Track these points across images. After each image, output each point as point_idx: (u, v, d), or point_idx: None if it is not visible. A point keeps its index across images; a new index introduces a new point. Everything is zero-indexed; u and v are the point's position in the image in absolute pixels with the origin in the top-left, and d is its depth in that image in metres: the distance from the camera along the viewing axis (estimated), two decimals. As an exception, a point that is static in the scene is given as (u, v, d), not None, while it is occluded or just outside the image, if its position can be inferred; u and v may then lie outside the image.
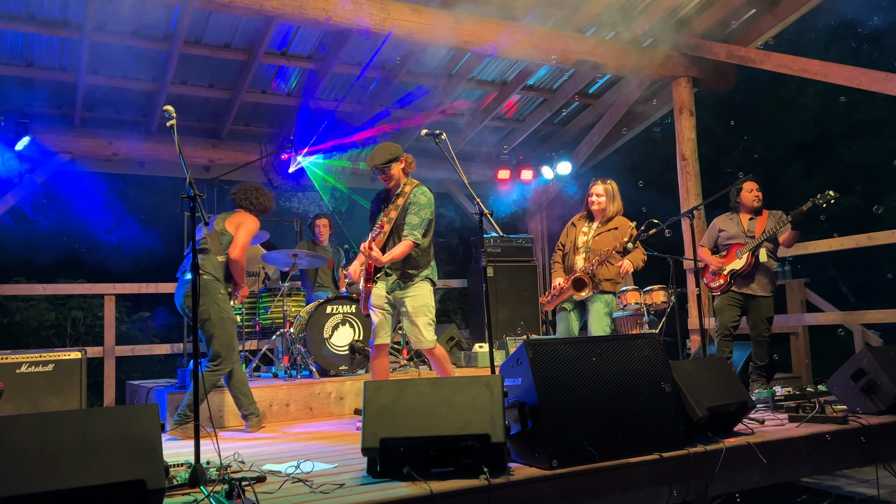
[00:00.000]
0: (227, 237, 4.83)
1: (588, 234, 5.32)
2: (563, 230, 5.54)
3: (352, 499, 2.67)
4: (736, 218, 5.61)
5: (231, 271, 4.83)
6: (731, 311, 5.47)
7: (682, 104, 7.30)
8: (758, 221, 5.50)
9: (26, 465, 2.27)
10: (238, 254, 4.79)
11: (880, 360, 4.25)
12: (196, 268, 3.22)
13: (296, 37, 6.85)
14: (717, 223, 5.69)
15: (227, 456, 3.44)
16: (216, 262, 4.76)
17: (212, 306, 4.63)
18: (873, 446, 3.92)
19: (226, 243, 4.83)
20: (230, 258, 4.80)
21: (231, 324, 4.75)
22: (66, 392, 5.42)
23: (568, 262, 5.35)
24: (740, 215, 5.61)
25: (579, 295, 5.10)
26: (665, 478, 3.23)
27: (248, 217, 4.94)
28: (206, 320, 4.60)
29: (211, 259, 4.74)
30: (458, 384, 3.08)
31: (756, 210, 5.54)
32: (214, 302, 4.65)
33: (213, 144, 7.93)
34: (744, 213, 5.60)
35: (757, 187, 5.55)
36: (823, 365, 7.56)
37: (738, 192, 5.58)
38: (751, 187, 5.54)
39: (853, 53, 14.62)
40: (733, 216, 5.64)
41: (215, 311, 4.64)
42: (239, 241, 4.80)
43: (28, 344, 8.83)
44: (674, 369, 3.59)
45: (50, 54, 6.61)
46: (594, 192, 5.38)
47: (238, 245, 4.79)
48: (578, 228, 5.42)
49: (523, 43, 6.48)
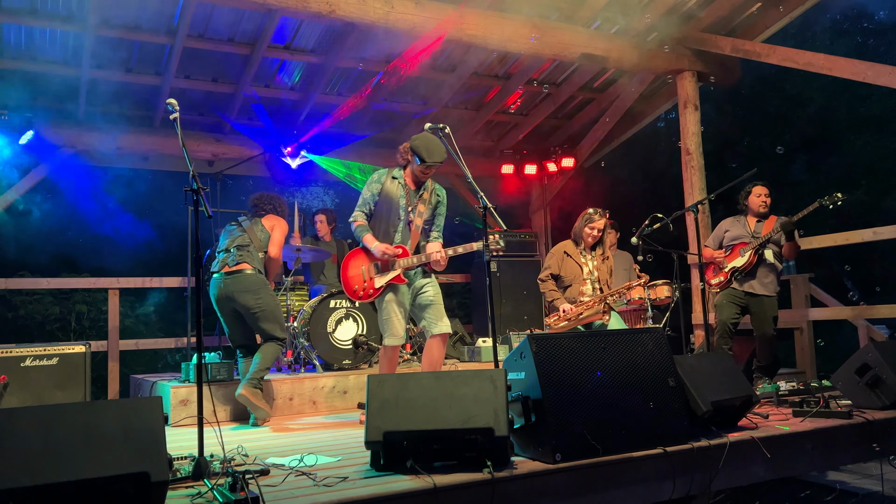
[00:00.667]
0: (265, 235, 5.19)
1: (589, 265, 5.48)
2: (553, 258, 5.59)
3: (355, 492, 2.67)
4: (743, 220, 5.60)
5: (267, 268, 5.19)
6: (730, 308, 5.46)
7: (686, 98, 7.27)
8: (765, 225, 5.49)
9: (31, 458, 2.27)
10: (276, 252, 5.17)
11: (885, 355, 4.24)
12: (199, 263, 3.21)
13: (299, 30, 6.83)
14: (724, 225, 5.69)
15: (231, 449, 3.45)
16: (258, 259, 5.10)
17: (269, 299, 5.04)
18: (878, 441, 3.90)
19: (265, 241, 5.18)
20: (269, 256, 5.17)
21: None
22: (70, 386, 5.43)
23: (571, 293, 5.43)
24: (748, 218, 5.59)
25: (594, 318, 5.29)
26: (669, 472, 3.23)
27: (280, 219, 5.32)
28: (265, 311, 4.98)
29: (255, 255, 5.08)
30: (462, 378, 3.08)
31: (764, 215, 5.52)
32: (270, 295, 5.07)
33: (216, 139, 7.93)
34: (751, 217, 5.58)
35: (766, 192, 5.52)
36: (828, 360, 7.54)
37: (747, 196, 5.57)
38: (759, 192, 5.52)
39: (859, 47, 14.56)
40: (741, 218, 5.63)
41: (273, 303, 5.06)
42: (276, 239, 5.19)
43: (32, 338, 8.86)
44: (678, 364, 3.58)
45: (54, 48, 6.60)
46: (596, 226, 5.45)
47: (275, 243, 5.18)
48: (575, 259, 5.48)
49: (527, 37, 6.45)
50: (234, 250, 5.06)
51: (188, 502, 2.64)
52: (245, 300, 4.95)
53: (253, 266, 5.00)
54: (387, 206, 4.51)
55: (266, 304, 4.98)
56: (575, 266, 5.48)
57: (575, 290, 5.44)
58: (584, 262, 5.48)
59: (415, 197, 4.53)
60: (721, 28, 7.17)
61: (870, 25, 15.32)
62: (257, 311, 4.96)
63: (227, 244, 5.14)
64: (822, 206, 5.09)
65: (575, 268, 5.48)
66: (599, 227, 5.42)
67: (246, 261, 5.00)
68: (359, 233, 4.53)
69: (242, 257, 5.02)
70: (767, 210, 5.52)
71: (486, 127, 9.28)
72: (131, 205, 10.02)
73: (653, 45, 7.22)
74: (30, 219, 9.64)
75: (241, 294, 4.95)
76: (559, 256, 5.54)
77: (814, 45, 12.66)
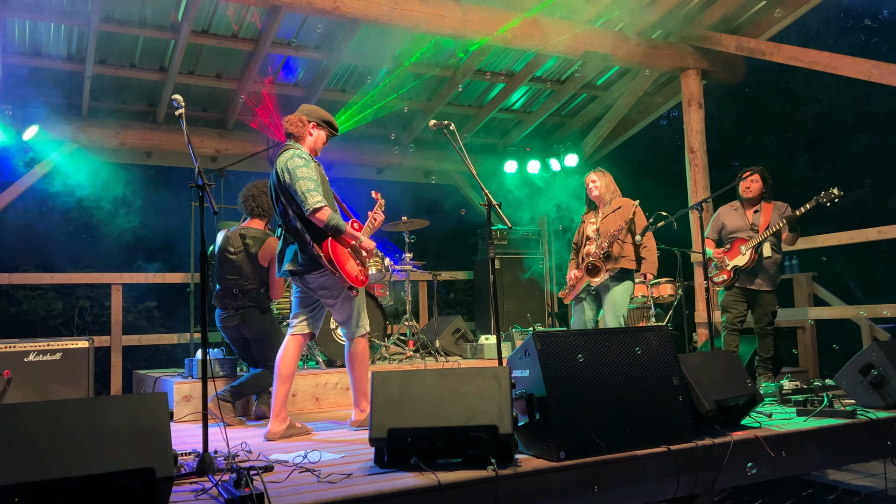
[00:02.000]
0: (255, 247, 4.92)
1: (596, 222, 5.40)
2: (579, 228, 5.62)
3: (360, 489, 2.67)
4: (741, 210, 5.57)
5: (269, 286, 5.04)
6: (737, 306, 5.45)
7: (690, 96, 7.26)
8: (762, 214, 5.46)
9: (36, 453, 2.27)
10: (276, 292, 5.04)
11: (889, 355, 4.23)
12: (203, 259, 3.21)
13: (303, 27, 6.83)
14: (722, 214, 5.65)
15: (235, 445, 3.45)
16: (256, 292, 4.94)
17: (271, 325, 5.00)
18: (881, 441, 3.90)
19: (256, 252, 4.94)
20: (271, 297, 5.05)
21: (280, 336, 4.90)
22: (73, 381, 5.43)
23: (581, 255, 5.41)
24: (744, 207, 5.58)
25: (594, 280, 5.18)
26: (672, 470, 3.22)
27: (268, 240, 4.95)
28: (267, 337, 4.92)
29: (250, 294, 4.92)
30: (466, 375, 3.08)
31: (755, 201, 5.50)
32: (271, 322, 5.02)
33: (219, 135, 7.94)
34: (748, 205, 5.57)
35: (752, 178, 5.42)
36: (830, 359, 7.53)
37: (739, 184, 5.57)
38: (744, 177, 5.47)
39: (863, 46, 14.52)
40: (738, 207, 5.60)
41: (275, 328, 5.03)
42: (274, 280, 4.96)
43: (35, 333, 8.87)
44: (682, 362, 3.58)
45: (58, 44, 6.61)
46: (589, 179, 5.52)
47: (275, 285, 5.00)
48: (587, 222, 5.49)
49: (531, 34, 6.45)
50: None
51: (193, 498, 2.64)
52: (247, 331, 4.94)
53: (254, 303, 4.91)
54: (325, 185, 4.12)
55: (266, 331, 4.95)
56: (586, 227, 5.51)
57: (584, 251, 5.43)
58: (593, 221, 5.44)
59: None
60: (726, 26, 7.16)
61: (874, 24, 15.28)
62: (262, 337, 4.95)
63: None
64: (819, 203, 5.08)
65: (585, 230, 5.51)
66: (591, 178, 5.44)
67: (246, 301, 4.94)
68: (336, 221, 3.94)
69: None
70: (752, 195, 5.47)
71: (489, 124, 9.27)
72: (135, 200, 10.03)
73: (657, 42, 7.22)
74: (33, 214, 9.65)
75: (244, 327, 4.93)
76: (580, 224, 5.61)
77: (817, 44, 12.63)
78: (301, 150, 4.09)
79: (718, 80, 7.67)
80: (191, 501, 2.60)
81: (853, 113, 14.03)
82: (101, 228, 10.15)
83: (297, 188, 3.89)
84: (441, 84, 8.17)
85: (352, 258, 4.09)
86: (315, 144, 4.23)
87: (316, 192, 3.90)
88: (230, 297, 4.91)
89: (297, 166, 3.93)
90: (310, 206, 3.87)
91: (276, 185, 4.04)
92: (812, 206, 5.10)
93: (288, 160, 3.97)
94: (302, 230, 3.98)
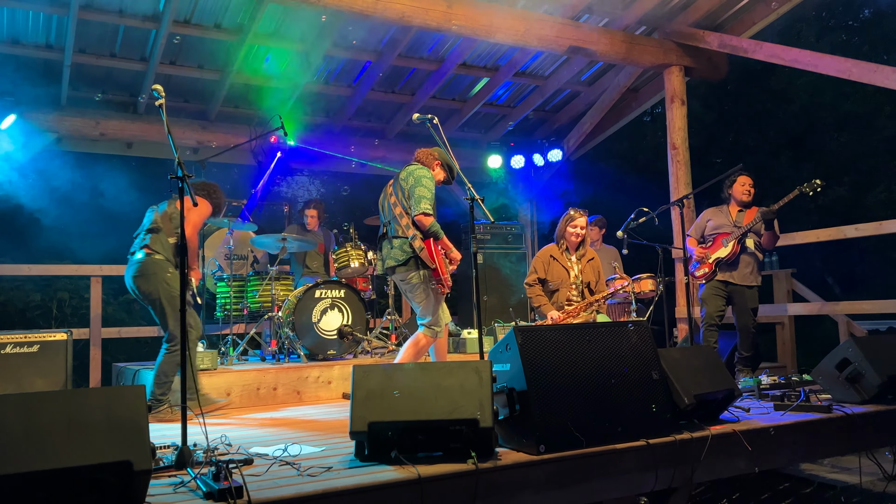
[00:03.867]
0: (177, 218, 4.67)
1: (574, 269, 5.56)
2: (539, 262, 5.62)
3: (340, 482, 2.67)
4: (725, 209, 5.64)
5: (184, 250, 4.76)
6: (716, 300, 5.50)
7: (673, 93, 7.30)
8: (746, 214, 5.53)
9: (12, 446, 2.25)
10: (191, 231, 4.62)
11: (865, 351, 4.29)
12: (183, 251, 3.19)
13: (287, 18, 6.77)
14: (707, 214, 5.72)
15: (214, 438, 3.43)
16: (166, 242, 4.66)
17: (160, 285, 4.54)
18: (856, 435, 3.96)
19: (176, 224, 4.67)
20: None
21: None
22: (51, 373, 5.38)
23: (559, 298, 5.51)
24: (730, 207, 5.63)
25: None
26: (651, 464, 3.25)
27: (201, 200, 4.76)
28: (155, 300, 4.55)
29: (161, 238, 4.65)
30: (448, 369, 3.08)
31: (746, 204, 5.56)
32: (163, 281, 4.55)
33: (201, 126, 7.87)
34: (734, 206, 5.62)
35: (751, 182, 5.57)
36: (808, 355, 7.63)
37: (731, 185, 5.61)
38: (744, 181, 5.56)
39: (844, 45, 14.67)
40: (723, 208, 5.67)
41: (164, 289, 4.54)
42: (190, 220, 4.58)
43: (13, 325, 8.77)
44: (661, 357, 3.60)
45: (36, 32, 6.51)
46: (578, 224, 5.55)
47: (190, 223, 4.57)
48: (561, 263, 5.55)
49: (516, 28, 6.45)
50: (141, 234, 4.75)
51: (171, 491, 2.63)
52: (135, 285, 4.61)
53: (155, 249, 4.61)
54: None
55: (155, 291, 4.54)
56: (561, 270, 5.53)
57: (562, 294, 5.49)
58: (570, 266, 5.53)
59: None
60: (709, 23, 7.20)
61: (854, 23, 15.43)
62: (150, 299, 4.60)
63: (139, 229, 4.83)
64: (801, 192, 5.14)
65: (561, 272, 5.52)
66: (581, 224, 5.49)
67: (147, 244, 4.64)
68: (438, 229, 4.57)
69: (144, 241, 4.68)
70: (750, 199, 5.57)
71: (473, 119, 9.27)
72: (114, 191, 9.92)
73: (641, 38, 7.24)
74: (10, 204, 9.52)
75: (133, 279, 4.61)
76: (545, 260, 5.56)
77: (799, 42, 12.75)
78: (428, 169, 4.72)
79: (701, 76, 7.71)
80: (169, 495, 2.59)
81: (833, 111, 14.19)
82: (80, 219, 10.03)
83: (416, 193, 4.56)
84: (426, 77, 8.15)
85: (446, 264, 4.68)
86: (437, 177, 4.79)
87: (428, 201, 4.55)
88: None
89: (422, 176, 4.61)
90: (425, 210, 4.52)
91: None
92: (795, 195, 5.17)
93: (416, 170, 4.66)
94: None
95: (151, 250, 4.59)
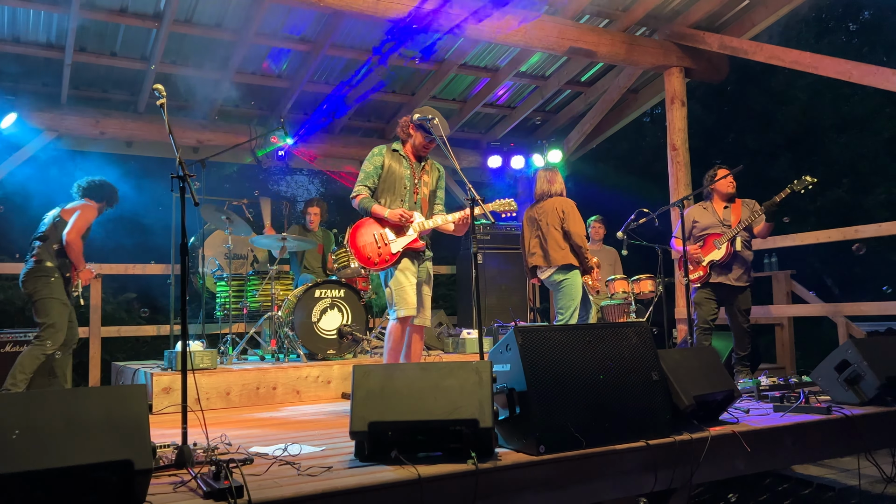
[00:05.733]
0: (62, 225, 5.25)
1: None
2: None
3: (340, 482, 2.67)
4: (710, 207, 5.63)
5: (67, 254, 5.24)
6: (708, 304, 5.50)
7: (673, 94, 7.30)
8: (732, 210, 5.53)
9: (12, 444, 2.25)
10: (72, 236, 5.19)
11: (864, 352, 4.29)
12: (184, 250, 3.19)
13: (288, 18, 6.77)
14: (692, 214, 5.68)
15: (214, 438, 3.43)
16: (51, 249, 5.21)
17: (43, 289, 5.14)
18: (856, 437, 3.96)
19: (62, 230, 5.22)
20: (65, 241, 5.19)
21: (59, 306, 5.17)
22: (50, 372, 5.38)
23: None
24: (714, 204, 5.63)
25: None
26: (651, 465, 3.25)
27: (86, 205, 5.38)
28: (35, 301, 5.15)
29: (47, 247, 5.20)
30: (448, 369, 3.08)
31: (731, 198, 5.56)
32: (46, 285, 5.14)
33: (202, 125, 7.86)
34: (717, 202, 5.61)
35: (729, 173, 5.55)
36: (807, 356, 7.64)
37: (712, 181, 5.59)
38: (725, 174, 5.55)
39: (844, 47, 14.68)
40: (707, 205, 5.66)
41: (46, 292, 5.13)
42: (74, 225, 5.21)
43: (12, 323, 8.75)
44: (661, 358, 3.61)
45: (37, 30, 6.51)
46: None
47: (73, 228, 5.20)
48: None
49: (516, 29, 6.45)
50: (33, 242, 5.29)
51: (171, 490, 2.63)
52: (25, 288, 5.20)
53: (42, 257, 5.18)
54: (391, 178, 4.46)
55: (38, 293, 5.14)
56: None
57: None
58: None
59: (418, 169, 4.53)
60: (709, 25, 7.20)
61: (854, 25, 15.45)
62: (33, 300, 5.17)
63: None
64: (793, 191, 5.14)
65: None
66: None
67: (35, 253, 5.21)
68: (365, 204, 4.40)
69: (33, 249, 5.23)
70: (735, 191, 5.58)
71: (473, 119, 9.27)
72: (114, 190, 9.90)
73: (641, 39, 7.25)
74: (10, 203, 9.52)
75: (22, 283, 5.20)
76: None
77: (798, 44, 12.75)
78: (384, 146, 4.56)
79: (701, 78, 7.71)
80: (169, 494, 2.59)
81: (833, 113, 14.20)
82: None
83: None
84: (426, 77, 8.16)
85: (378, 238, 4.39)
86: (413, 144, 4.53)
87: (359, 182, 4.47)
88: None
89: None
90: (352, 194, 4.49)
91: None
92: (787, 194, 5.17)
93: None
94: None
95: (39, 258, 5.19)
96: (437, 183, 4.65)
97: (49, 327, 5.10)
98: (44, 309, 5.11)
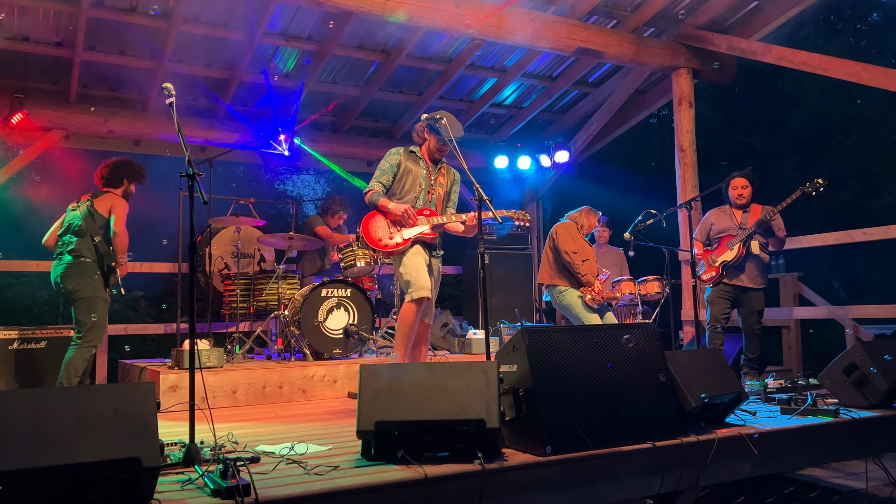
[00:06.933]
0: (98, 217, 5.12)
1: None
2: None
3: (346, 481, 2.67)
4: (729, 211, 5.64)
5: (115, 246, 5.14)
6: (721, 303, 5.50)
7: (681, 95, 7.28)
8: (750, 215, 5.53)
9: (20, 441, 2.26)
10: (121, 227, 5.09)
11: (872, 355, 4.28)
12: (192, 248, 3.20)
13: (296, 17, 6.79)
14: (711, 216, 5.72)
15: (221, 436, 3.44)
16: (89, 244, 5.08)
17: (87, 288, 5.02)
18: (863, 440, 3.95)
19: (100, 225, 5.11)
20: (114, 232, 5.10)
21: (102, 304, 5.06)
22: (58, 369, 5.39)
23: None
24: (733, 209, 5.63)
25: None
26: (658, 466, 3.25)
27: (117, 199, 5.20)
28: (78, 300, 5.00)
29: (86, 241, 5.07)
30: (455, 369, 3.08)
31: (742, 206, 5.57)
32: (90, 284, 5.03)
33: (209, 124, 7.88)
34: (735, 207, 5.62)
35: (743, 184, 5.56)
36: (814, 359, 7.61)
37: (727, 188, 5.63)
38: (735, 184, 5.58)
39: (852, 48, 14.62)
40: (726, 209, 5.67)
41: (90, 291, 5.02)
42: (119, 216, 5.11)
43: (20, 321, 8.78)
44: (668, 359, 3.60)
45: (47, 29, 6.53)
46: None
47: (119, 219, 5.10)
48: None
49: (524, 29, 6.44)
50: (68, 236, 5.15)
51: (179, 488, 2.63)
52: (65, 285, 5.03)
53: (83, 254, 5.05)
54: (407, 176, 4.56)
55: (83, 291, 5.01)
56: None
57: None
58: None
59: (434, 171, 4.65)
60: (717, 26, 7.19)
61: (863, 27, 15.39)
62: (77, 298, 5.03)
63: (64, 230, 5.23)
64: (804, 193, 5.13)
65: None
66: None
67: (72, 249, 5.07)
68: (374, 198, 4.50)
69: (68, 245, 5.09)
70: (745, 202, 5.56)
71: (480, 119, 9.27)
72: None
73: (649, 40, 7.23)
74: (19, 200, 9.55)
75: (63, 279, 5.04)
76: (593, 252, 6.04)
77: (807, 45, 12.71)
78: (402, 147, 4.66)
79: (709, 79, 7.69)
80: (177, 492, 2.59)
81: (841, 115, 14.14)
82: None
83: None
84: (433, 78, 8.16)
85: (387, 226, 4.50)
86: (428, 147, 4.64)
87: (374, 178, 4.58)
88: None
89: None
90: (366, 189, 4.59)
91: None
92: (798, 195, 5.16)
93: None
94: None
95: (80, 254, 5.05)
96: (452, 186, 4.78)
97: (95, 326, 5.04)
98: (90, 308, 5.00)
